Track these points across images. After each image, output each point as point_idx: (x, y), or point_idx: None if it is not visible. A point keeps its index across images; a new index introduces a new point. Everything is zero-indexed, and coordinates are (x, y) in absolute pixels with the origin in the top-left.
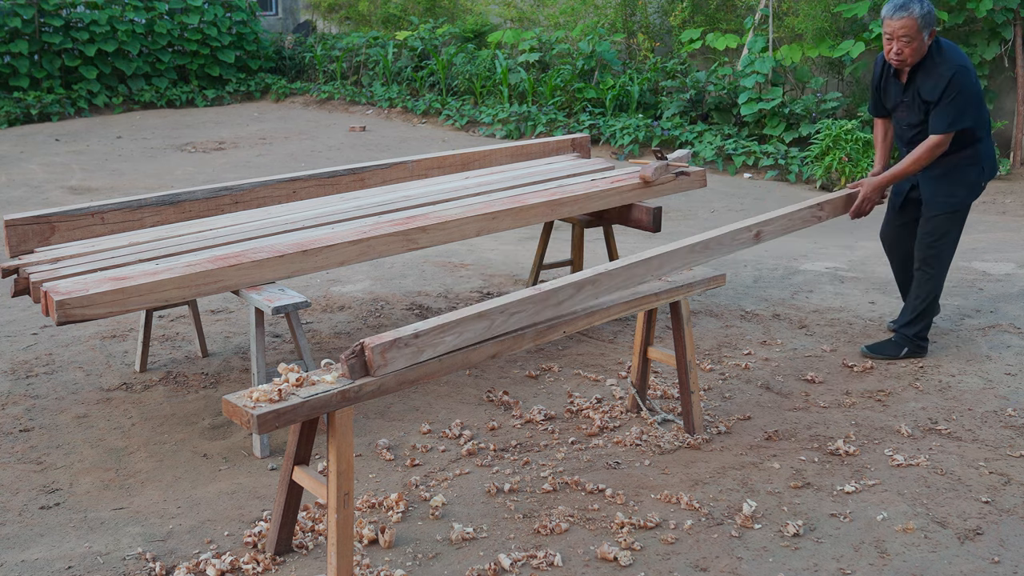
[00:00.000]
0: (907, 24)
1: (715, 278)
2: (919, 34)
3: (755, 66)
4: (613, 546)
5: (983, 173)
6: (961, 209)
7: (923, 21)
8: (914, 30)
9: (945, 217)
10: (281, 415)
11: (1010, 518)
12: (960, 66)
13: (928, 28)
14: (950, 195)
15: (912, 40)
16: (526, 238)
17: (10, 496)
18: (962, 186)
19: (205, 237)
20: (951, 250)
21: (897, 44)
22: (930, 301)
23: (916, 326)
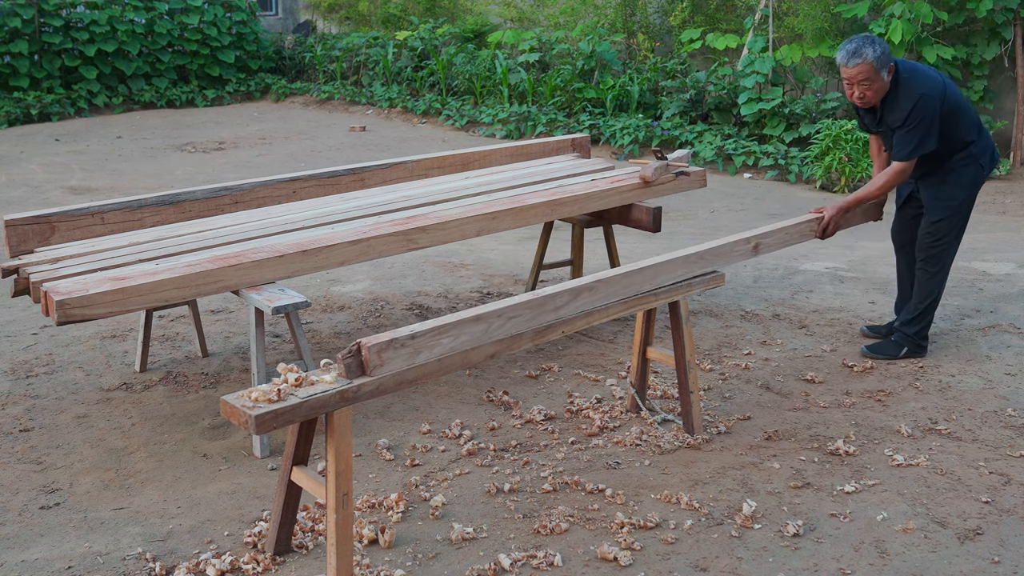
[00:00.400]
0: (863, 69)
1: (714, 278)
2: (877, 75)
3: (755, 66)
4: (613, 546)
5: (982, 170)
6: (962, 209)
7: (878, 63)
8: (872, 73)
9: (947, 220)
10: (279, 415)
11: (1010, 518)
12: (921, 95)
13: (885, 67)
14: (951, 198)
15: (872, 82)
16: (526, 238)
17: (10, 496)
18: (961, 187)
19: (205, 237)
20: (953, 249)
21: (858, 89)
22: (931, 301)
23: (916, 325)
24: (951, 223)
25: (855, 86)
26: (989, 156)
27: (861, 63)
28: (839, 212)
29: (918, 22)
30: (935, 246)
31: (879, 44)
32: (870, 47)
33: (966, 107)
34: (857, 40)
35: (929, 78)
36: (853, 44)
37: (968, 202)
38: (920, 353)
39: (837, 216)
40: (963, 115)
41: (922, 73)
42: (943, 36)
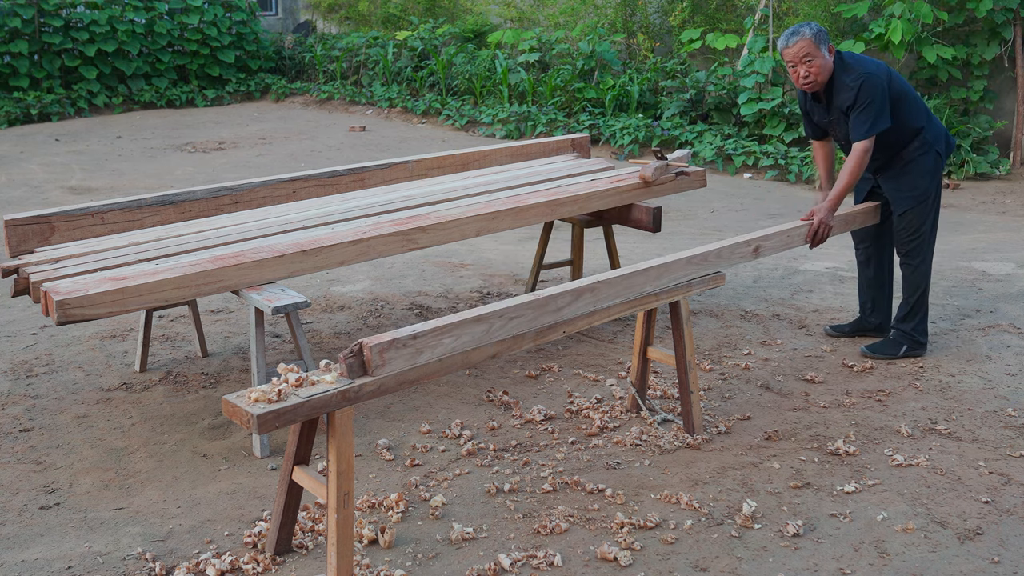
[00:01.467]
0: (803, 45)
1: (714, 277)
2: (818, 51)
3: (755, 66)
4: (613, 546)
5: (939, 156)
6: (928, 198)
7: (816, 38)
8: (812, 48)
9: (916, 210)
10: (281, 415)
11: (1010, 518)
12: (866, 74)
13: (824, 44)
14: (913, 187)
15: (813, 58)
16: (526, 238)
17: (10, 496)
18: (922, 175)
19: (205, 237)
20: (931, 239)
21: (803, 68)
22: (920, 294)
23: (911, 321)
24: (921, 213)
25: (800, 65)
26: (944, 143)
27: (800, 39)
28: (827, 214)
29: (918, 22)
30: (913, 239)
31: (815, 24)
32: (807, 26)
33: (913, 94)
34: (793, 26)
35: (873, 63)
36: (790, 29)
37: (933, 190)
38: (920, 350)
39: (827, 218)
40: (910, 102)
41: (864, 58)
42: (943, 36)
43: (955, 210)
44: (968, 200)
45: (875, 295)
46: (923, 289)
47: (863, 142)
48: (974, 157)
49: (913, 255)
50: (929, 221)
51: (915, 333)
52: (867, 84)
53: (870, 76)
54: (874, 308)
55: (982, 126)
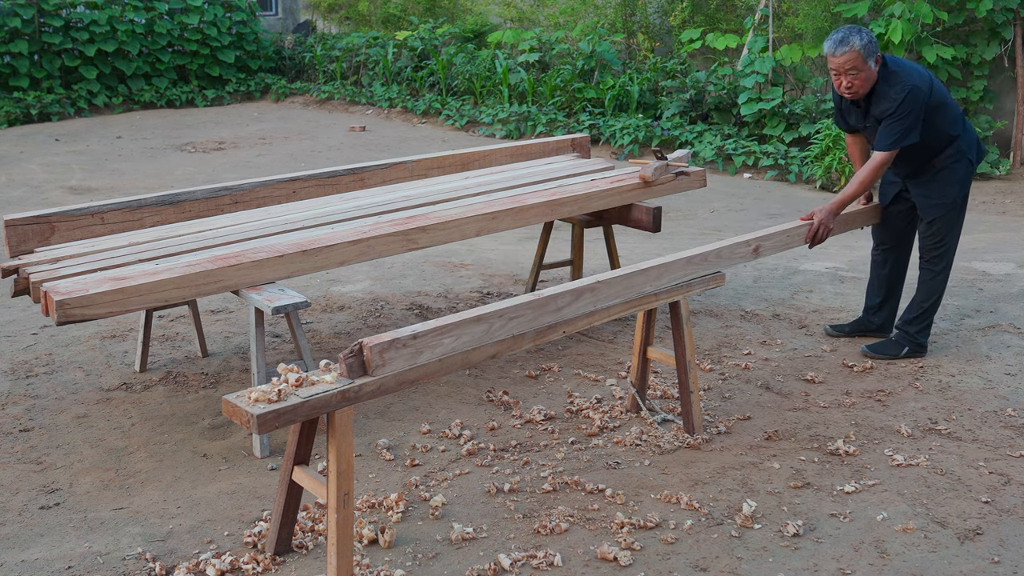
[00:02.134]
0: (851, 58)
1: (714, 277)
2: (865, 64)
3: (755, 66)
4: (613, 546)
5: (971, 164)
6: (957, 206)
7: (866, 51)
8: (859, 62)
9: (944, 219)
10: (281, 415)
11: (1010, 518)
12: (912, 86)
13: (872, 56)
14: (943, 195)
15: (859, 71)
16: (526, 238)
17: (10, 496)
18: (952, 184)
19: (205, 237)
20: (954, 247)
21: (846, 79)
22: (935, 299)
23: (919, 324)
24: (948, 221)
25: (843, 75)
26: (976, 150)
27: (848, 51)
28: (828, 215)
29: (918, 22)
30: (938, 247)
31: (866, 33)
32: (856, 36)
33: (951, 102)
34: (844, 29)
35: (917, 71)
36: (840, 33)
37: (961, 199)
38: (920, 352)
39: (827, 220)
40: (948, 109)
41: (909, 66)
42: (943, 36)
43: None
44: (968, 200)
45: (886, 295)
46: (938, 296)
47: (885, 153)
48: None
49: (936, 261)
50: (955, 229)
51: (919, 336)
52: (909, 97)
53: (913, 89)
54: (880, 308)
55: (982, 126)
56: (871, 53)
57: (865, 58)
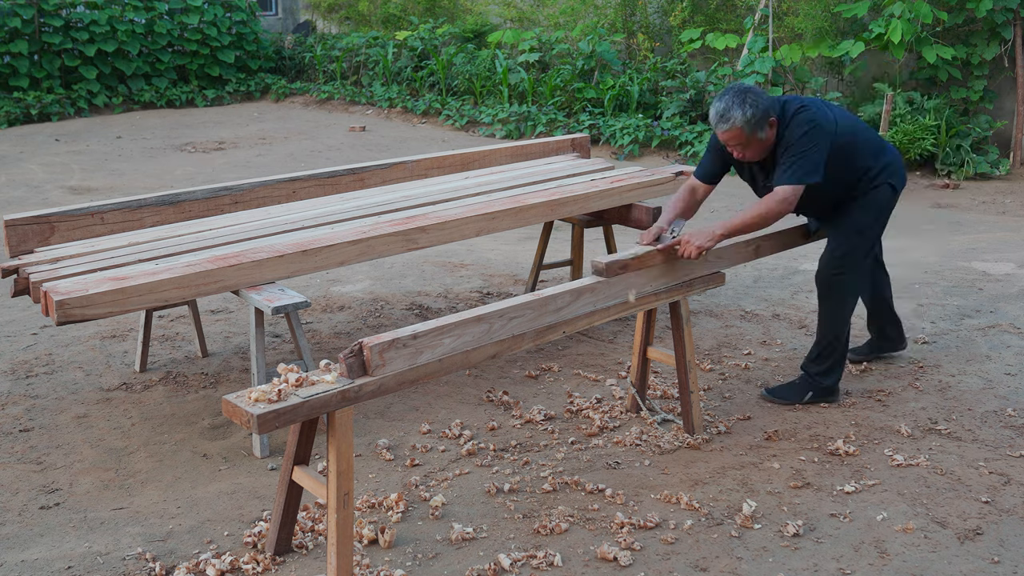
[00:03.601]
0: (734, 135)
1: (714, 277)
2: (752, 138)
3: (755, 66)
4: (613, 546)
5: (893, 190)
6: (868, 234)
7: (750, 125)
8: (744, 137)
9: (848, 246)
10: (281, 415)
11: (1010, 518)
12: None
13: (762, 126)
14: (855, 223)
15: (747, 145)
16: (526, 238)
17: (10, 496)
18: (869, 210)
19: (205, 237)
20: (856, 279)
21: (736, 151)
22: (834, 338)
23: (821, 365)
24: (852, 245)
25: (731, 147)
26: (898, 175)
27: (729, 129)
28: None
29: (918, 22)
30: (836, 276)
31: (751, 103)
32: (739, 108)
33: (862, 134)
34: (728, 97)
35: (819, 110)
36: (722, 103)
37: (876, 226)
38: (830, 397)
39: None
40: (859, 144)
41: (811, 107)
42: (943, 36)
43: (955, 210)
44: (968, 200)
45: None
46: (838, 333)
47: (789, 189)
48: (974, 157)
49: (833, 292)
50: (860, 258)
51: (823, 378)
52: (809, 134)
53: (814, 127)
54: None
55: (982, 126)
56: (758, 125)
57: (750, 133)
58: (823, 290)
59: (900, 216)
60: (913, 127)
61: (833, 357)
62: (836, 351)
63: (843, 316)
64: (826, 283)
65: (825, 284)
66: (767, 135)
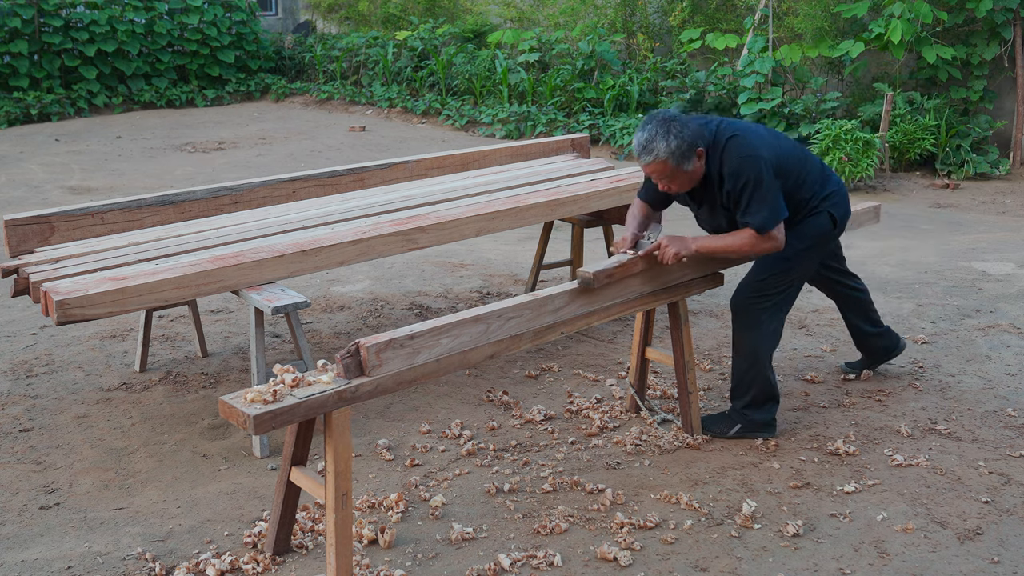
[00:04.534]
0: (657, 168)
1: (713, 278)
2: (677, 170)
3: (755, 66)
4: (613, 546)
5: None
6: (797, 263)
7: (676, 158)
8: (669, 170)
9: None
10: (278, 416)
11: (1010, 518)
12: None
13: (688, 158)
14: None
15: (673, 178)
16: (526, 238)
17: (10, 496)
18: (801, 238)
19: (205, 237)
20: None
21: (661, 184)
22: (752, 369)
23: (743, 398)
24: (781, 279)
25: (655, 180)
26: (842, 206)
27: (652, 161)
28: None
29: (918, 22)
30: (752, 302)
31: (675, 133)
32: (663, 139)
33: (805, 161)
34: (651, 126)
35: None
36: (645, 133)
37: (808, 255)
38: (762, 432)
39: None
40: (801, 171)
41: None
42: (943, 36)
43: (955, 210)
44: (968, 200)
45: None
46: (755, 362)
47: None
48: (974, 157)
49: (747, 319)
50: (784, 290)
51: (748, 411)
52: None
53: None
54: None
55: (982, 126)
56: (684, 157)
57: (676, 165)
58: (736, 316)
59: (900, 216)
60: (913, 127)
61: (755, 387)
62: (756, 383)
63: (756, 345)
64: (741, 309)
65: (740, 310)
66: (694, 167)
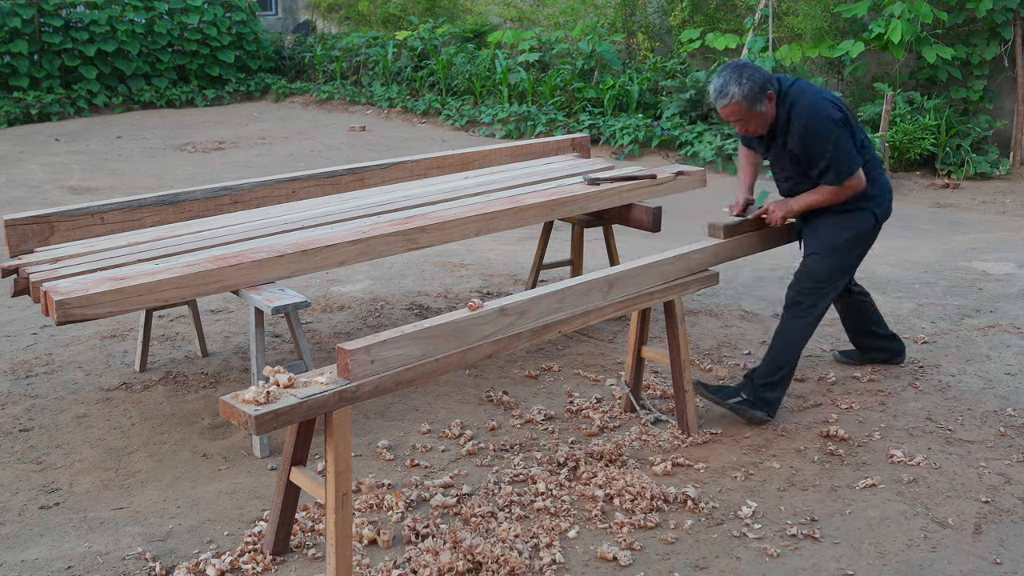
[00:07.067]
0: (733, 110)
1: (708, 277)
2: (751, 111)
3: None
4: (613, 546)
5: (874, 219)
6: (843, 253)
7: (748, 101)
8: (743, 112)
9: (822, 259)
10: (279, 416)
11: (1010, 518)
12: (810, 114)
13: (760, 100)
14: (832, 237)
15: (748, 119)
16: (526, 238)
17: (10, 496)
18: (847, 229)
19: (204, 237)
20: (826, 300)
21: (737, 126)
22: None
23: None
24: (827, 264)
25: (733, 123)
26: (884, 206)
27: (729, 103)
28: (791, 212)
29: (918, 22)
30: (806, 291)
31: (747, 78)
32: (735, 84)
33: (868, 145)
34: (725, 73)
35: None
36: (720, 80)
37: (852, 247)
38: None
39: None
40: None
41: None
42: (943, 36)
43: (955, 210)
44: (968, 200)
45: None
46: (794, 348)
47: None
48: (974, 157)
49: (799, 307)
50: (832, 276)
51: (764, 390)
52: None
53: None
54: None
55: (982, 126)
56: (756, 99)
57: (749, 106)
58: (789, 303)
59: (900, 216)
60: (913, 127)
61: (781, 373)
62: (784, 367)
63: (802, 335)
64: (795, 296)
65: (794, 296)
66: (766, 108)
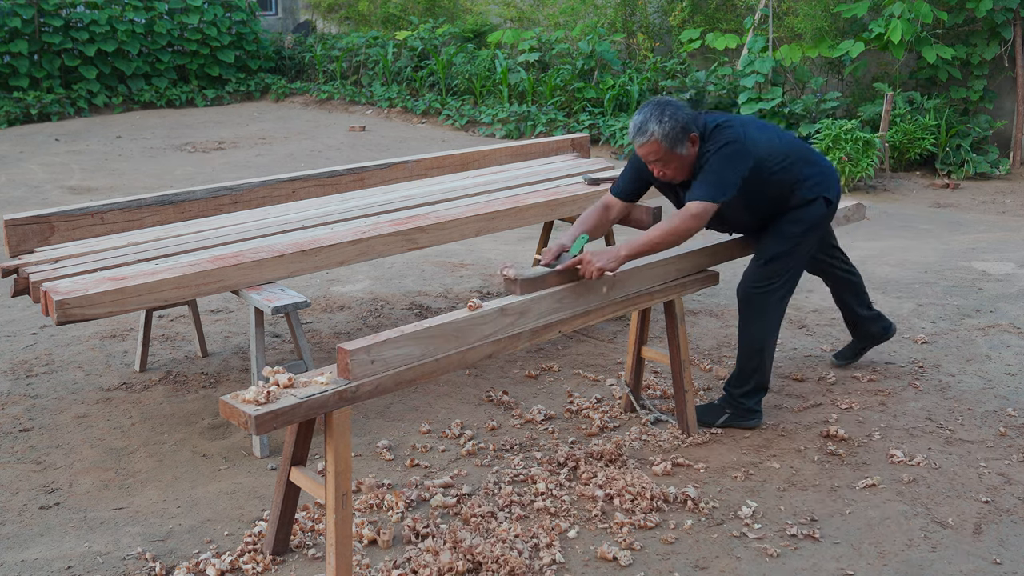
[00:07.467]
0: (652, 149)
1: (708, 277)
2: (672, 153)
3: (755, 66)
4: (613, 546)
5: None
6: (799, 248)
7: (669, 141)
8: (663, 152)
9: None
10: (279, 416)
11: (1010, 518)
12: (726, 142)
13: (681, 142)
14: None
15: (668, 161)
16: (526, 238)
17: (10, 496)
18: (800, 223)
19: (204, 237)
20: (783, 298)
21: (655, 168)
22: (758, 358)
23: (741, 386)
24: (784, 263)
25: (651, 164)
26: (832, 189)
27: (646, 142)
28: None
29: (918, 22)
30: (762, 289)
31: (668, 116)
32: (656, 122)
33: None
34: (647, 110)
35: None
36: (640, 116)
37: (807, 240)
38: (749, 420)
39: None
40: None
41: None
42: (943, 36)
43: (955, 210)
44: (968, 200)
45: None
46: (761, 351)
47: (700, 204)
48: (974, 157)
49: (755, 307)
50: (788, 274)
51: (744, 399)
52: (726, 148)
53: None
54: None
55: (982, 126)
56: (677, 140)
57: (670, 147)
58: (744, 305)
59: (900, 216)
60: (913, 127)
61: (755, 377)
62: (758, 370)
63: (764, 335)
64: (748, 297)
65: (747, 298)
66: (688, 152)
